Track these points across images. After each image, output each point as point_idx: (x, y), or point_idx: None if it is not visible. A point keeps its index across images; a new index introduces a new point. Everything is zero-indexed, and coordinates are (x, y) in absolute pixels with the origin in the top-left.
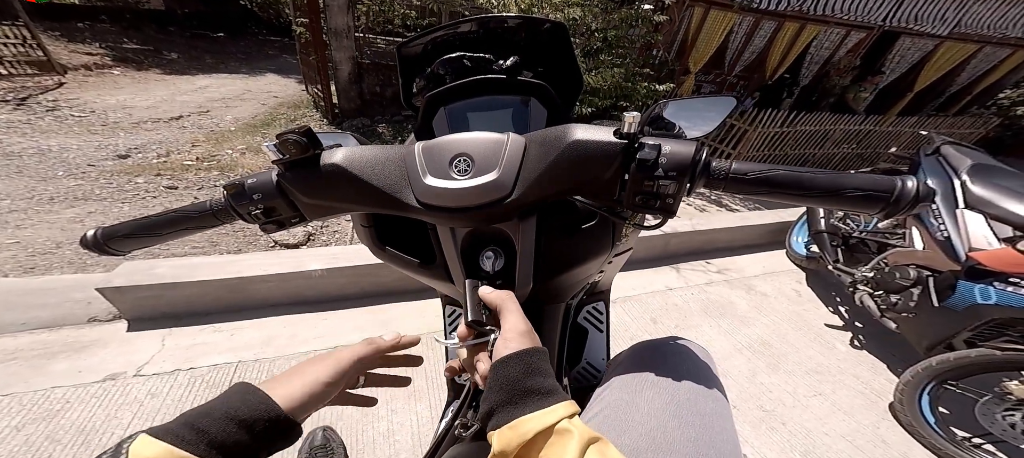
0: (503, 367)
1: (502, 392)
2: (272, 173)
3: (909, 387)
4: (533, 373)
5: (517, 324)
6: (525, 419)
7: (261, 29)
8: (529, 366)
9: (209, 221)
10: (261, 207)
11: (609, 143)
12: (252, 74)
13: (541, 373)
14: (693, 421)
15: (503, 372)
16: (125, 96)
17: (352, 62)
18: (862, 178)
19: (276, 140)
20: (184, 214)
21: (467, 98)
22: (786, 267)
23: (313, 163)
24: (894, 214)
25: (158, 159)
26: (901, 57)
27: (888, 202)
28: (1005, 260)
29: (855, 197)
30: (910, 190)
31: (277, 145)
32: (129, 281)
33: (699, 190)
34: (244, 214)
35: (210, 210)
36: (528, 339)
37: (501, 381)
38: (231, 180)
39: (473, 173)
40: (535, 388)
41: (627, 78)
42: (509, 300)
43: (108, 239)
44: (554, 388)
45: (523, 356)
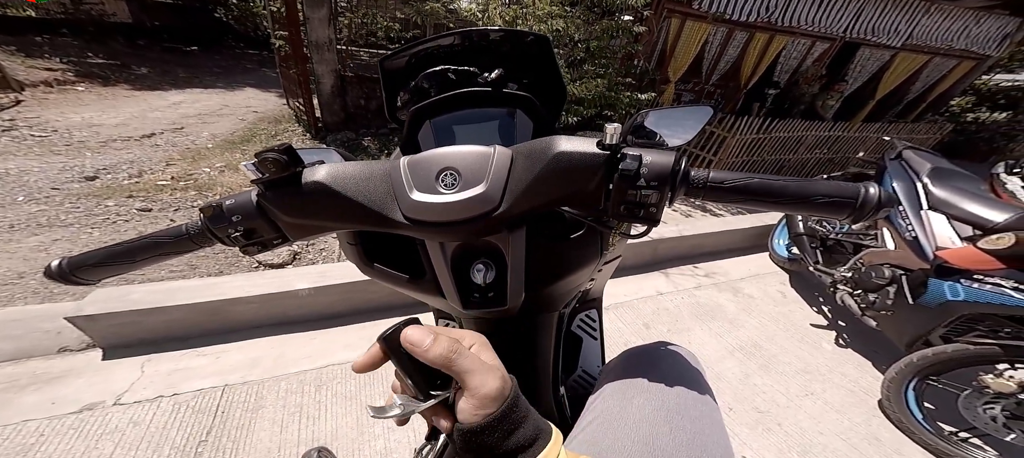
0: (477, 436)
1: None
2: (251, 193)
3: (894, 384)
4: (512, 431)
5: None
6: None
7: (238, 42)
8: (507, 428)
9: (185, 246)
10: (241, 229)
11: (592, 154)
12: (229, 88)
13: (519, 424)
14: (684, 426)
15: (478, 440)
16: (91, 113)
17: (335, 75)
18: (829, 185)
19: (255, 159)
20: (158, 239)
21: (452, 111)
22: (770, 269)
23: (295, 181)
24: (860, 219)
25: (130, 180)
26: (862, 67)
27: (854, 208)
28: (968, 258)
29: (823, 204)
30: (873, 197)
31: (256, 164)
32: (102, 309)
33: (680, 199)
34: (223, 237)
35: (186, 234)
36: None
37: (476, 449)
38: (208, 202)
39: (460, 187)
40: (518, 445)
41: (610, 88)
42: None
43: (75, 269)
44: (536, 432)
45: (497, 423)
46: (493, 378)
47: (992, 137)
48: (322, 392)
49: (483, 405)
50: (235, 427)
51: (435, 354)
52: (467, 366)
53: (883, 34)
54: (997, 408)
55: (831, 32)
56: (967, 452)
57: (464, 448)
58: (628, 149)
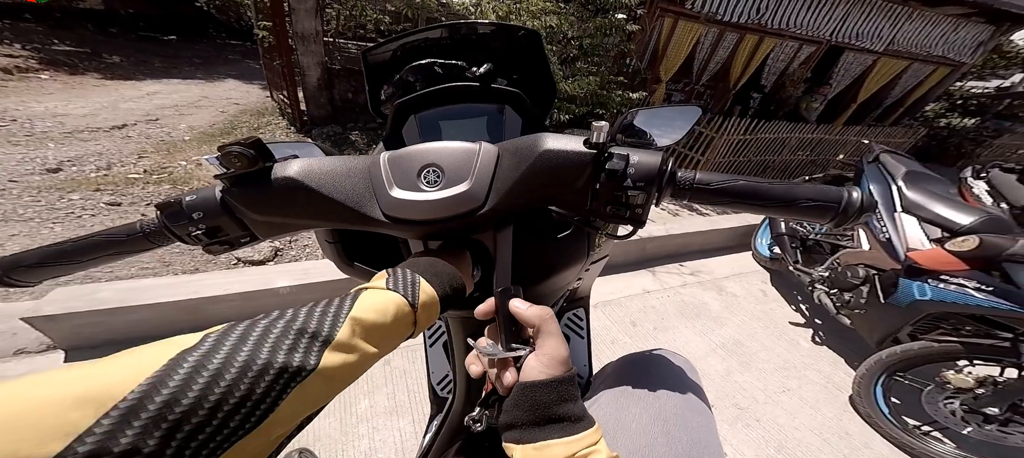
0: (534, 391)
1: (529, 413)
2: (215, 189)
3: (864, 380)
4: (564, 400)
5: (556, 350)
6: (551, 444)
7: (220, 32)
8: (561, 394)
9: (140, 244)
10: (203, 227)
11: (579, 153)
12: (209, 80)
13: (571, 400)
14: (680, 436)
15: (533, 395)
16: (55, 103)
17: (321, 68)
18: (813, 189)
19: (218, 152)
20: (109, 237)
21: (439, 106)
22: (753, 268)
23: (263, 177)
24: (843, 223)
25: (97, 173)
26: (845, 70)
27: (837, 212)
28: (936, 259)
29: (807, 207)
30: (856, 201)
31: (220, 158)
32: (63, 308)
33: (667, 200)
34: (183, 235)
35: (141, 232)
36: (563, 366)
37: (530, 403)
38: (165, 198)
39: (443, 184)
40: (565, 415)
41: (602, 86)
42: (550, 321)
43: (10, 269)
44: (582, 415)
45: (556, 384)
46: (564, 348)
47: (962, 142)
48: None
49: (550, 365)
50: None
51: (532, 314)
52: (551, 330)
53: (867, 38)
54: (956, 403)
55: (818, 35)
56: (929, 445)
57: (520, 401)
58: (615, 148)
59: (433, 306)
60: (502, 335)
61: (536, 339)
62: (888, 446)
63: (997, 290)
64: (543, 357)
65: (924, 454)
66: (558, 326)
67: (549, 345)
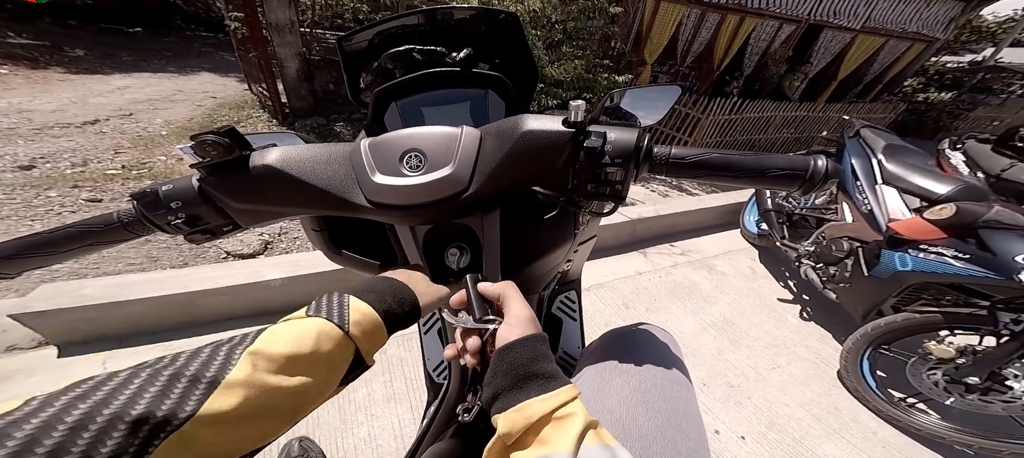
0: (508, 353)
1: (507, 377)
2: (192, 179)
3: (851, 354)
4: (537, 359)
5: (520, 311)
6: (529, 403)
7: (189, 24)
8: (533, 352)
9: (119, 234)
10: (182, 216)
11: (558, 132)
12: (182, 73)
13: (544, 358)
14: (660, 406)
15: (508, 357)
16: (20, 98)
17: (300, 59)
18: (782, 159)
19: (192, 142)
20: (85, 229)
21: (421, 92)
22: (741, 245)
23: (241, 165)
24: (811, 189)
25: (73, 169)
26: (825, 48)
27: (804, 179)
28: (915, 228)
29: (777, 176)
30: (821, 168)
31: (194, 147)
32: (51, 304)
33: (644, 175)
34: (162, 224)
35: (119, 222)
36: (531, 326)
37: (506, 366)
38: (140, 187)
39: (425, 169)
40: (539, 372)
41: (588, 69)
42: (510, 288)
43: None
44: (556, 373)
45: (527, 342)
46: (526, 309)
47: (939, 116)
48: None
49: (519, 326)
50: None
51: (494, 289)
52: (512, 295)
53: (844, 16)
54: (938, 373)
55: (797, 14)
56: (914, 417)
57: (497, 368)
58: (593, 127)
59: (373, 326)
60: (473, 312)
61: (502, 307)
62: (876, 420)
63: (974, 257)
64: (511, 320)
65: (910, 426)
66: (518, 292)
67: (513, 309)
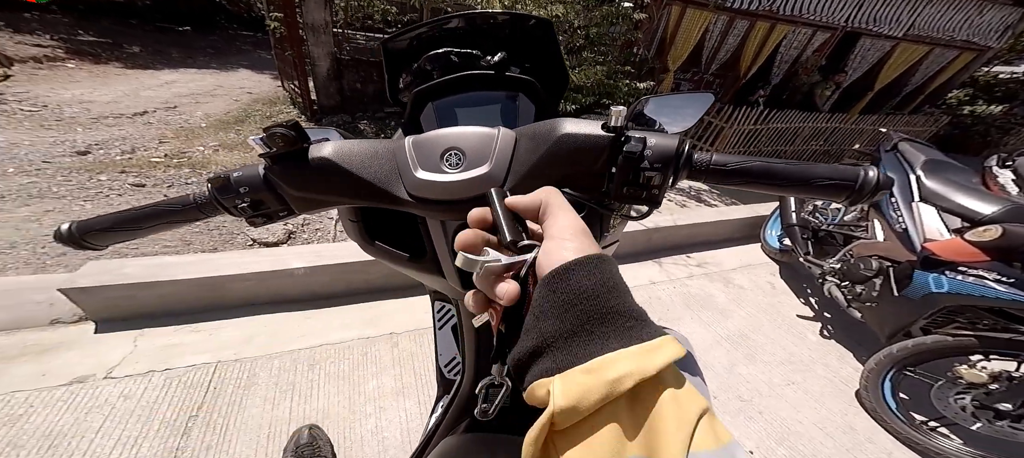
0: (566, 278)
1: (565, 316)
2: (259, 167)
3: (873, 374)
4: (614, 290)
5: (571, 221)
6: (614, 357)
7: (232, 23)
8: (606, 279)
9: (192, 214)
10: (248, 200)
11: (597, 136)
12: (223, 69)
13: (623, 289)
14: None
15: (567, 285)
16: (82, 90)
17: (331, 58)
18: (829, 168)
19: (263, 133)
20: (166, 207)
21: (455, 94)
22: (761, 260)
23: (301, 156)
24: (858, 201)
25: (122, 156)
26: (862, 57)
27: (853, 189)
28: (955, 250)
29: (823, 186)
30: (872, 178)
31: (264, 138)
32: (95, 281)
33: (682, 181)
34: (230, 207)
35: (194, 203)
36: (587, 241)
37: (563, 299)
38: (216, 173)
39: (464, 166)
40: (622, 310)
41: (609, 75)
42: (555, 195)
43: (85, 233)
44: (643, 314)
45: (595, 262)
46: (577, 220)
47: (987, 130)
48: (315, 371)
49: (572, 238)
50: (226, 403)
51: (531, 199)
52: (558, 203)
53: (885, 24)
54: (967, 398)
55: (832, 21)
56: (934, 440)
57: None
58: (632, 132)
59: None
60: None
61: (544, 218)
62: (893, 441)
63: (1019, 282)
64: (559, 231)
65: (929, 449)
66: (564, 199)
67: (560, 220)
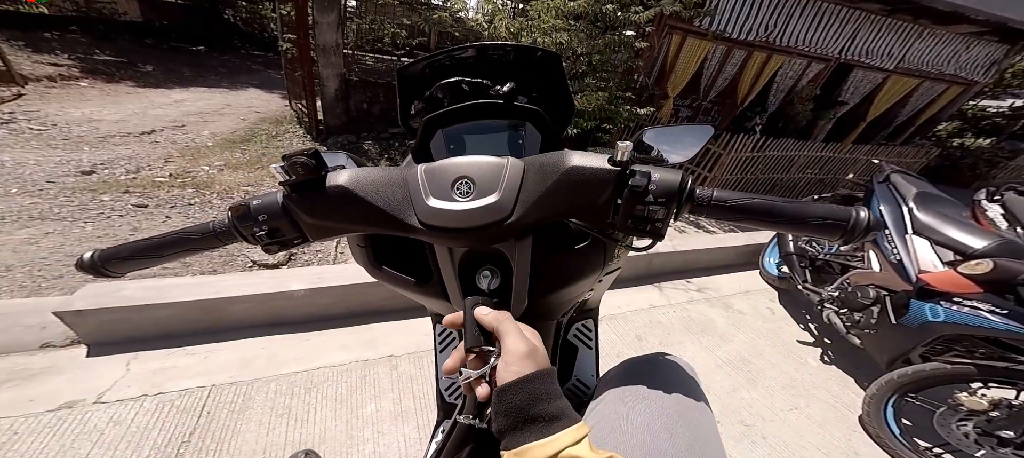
0: (505, 395)
1: (507, 418)
2: (277, 194)
3: (875, 400)
4: (537, 400)
5: (516, 346)
6: (529, 448)
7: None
8: (532, 393)
9: (211, 242)
10: (265, 228)
11: (604, 170)
12: (233, 88)
13: (546, 398)
14: (683, 433)
15: (507, 399)
16: (92, 109)
17: (340, 79)
18: (823, 208)
19: (284, 161)
20: (186, 235)
21: (464, 121)
22: (760, 286)
23: (319, 185)
24: (850, 241)
25: (127, 176)
26: (855, 88)
27: (845, 230)
28: (948, 281)
29: (817, 225)
30: (863, 220)
31: (285, 167)
32: (92, 304)
33: (684, 215)
34: (248, 235)
35: (213, 231)
36: (529, 362)
37: (506, 408)
38: (236, 202)
39: (474, 195)
40: (539, 415)
41: (610, 101)
42: (507, 321)
43: (106, 261)
44: (560, 413)
45: (525, 383)
46: (523, 343)
47: (975, 163)
48: (312, 394)
49: (515, 363)
50: (220, 428)
51: (490, 319)
52: (508, 330)
53: (876, 56)
54: (969, 425)
55: (827, 53)
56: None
57: (498, 408)
58: (638, 166)
59: None
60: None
61: (500, 341)
62: None
63: (1012, 313)
64: (507, 357)
65: None
66: (515, 325)
67: (508, 343)
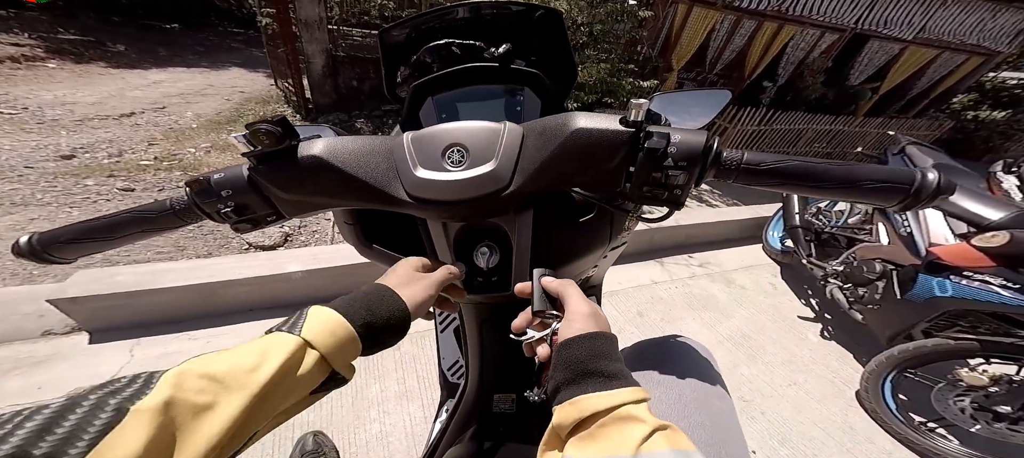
0: (567, 349)
1: (566, 371)
2: (243, 167)
3: (873, 375)
4: (597, 356)
5: (580, 307)
6: (585, 398)
7: (222, 20)
8: (593, 349)
9: (170, 222)
10: (231, 204)
11: (615, 132)
12: (214, 68)
13: (606, 356)
14: (703, 421)
15: (567, 353)
16: (64, 91)
17: (326, 55)
18: (881, 170)
19: (246, 130)
20: (140, 214)
21: (456, 88)
22: (763, 260)
23: (289, 155)
24: (912, 206)
25: (110, 159)
26: (869, 60)
27: (908, 194)
28: (960, 255)
29: (872, 189)
30: (931, 183)
31: (247, 136)
32: (85, 291)
33: (708, 180)
34: (212, 213)
35: (171, 209)
36: (592, 321)
37: (566, 361)
38: (194, 176)
39: (468, 164)
40: (598, 370)
41: (612, 73)
42: (570, 286)
43: (47, 245)
44: (619, 372)
45: (587, 339)
46: (585, 304)
47: (990, 136)
48: None
49: (578, 322)
50: None
51: (554, 285)
52: (571, 293)
53: (896, 26)
54: (967, 400)
55: (842, 23)
56: (933, 441)
57: (557, 363)
58: (654, 127)
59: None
60: (534, 305)
61: (564, 304)
62: (892, 442)
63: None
64: (571, 316)
65: (927, 450)
66: (578, 290)
67: (572, 304)
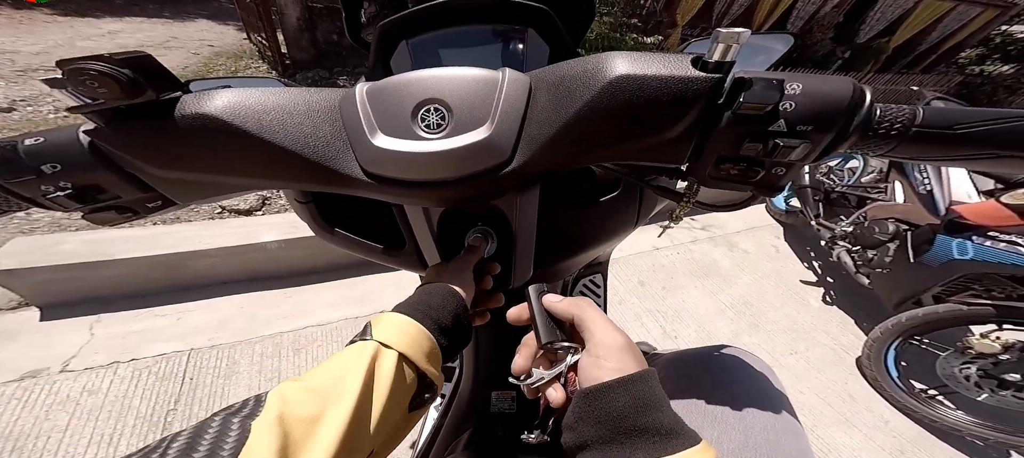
0: (600, 398)
1: (598, 427)
2: (77, 129)
3: (877, 343)
4: (645, 406)
5: (611, 338)
6: None
7: None
8: (639, 397)
9: None
10: (67, 187)
11: (685, 79)
12: (178, 19)
13: (656, 406)
14: None
15: (601, 405)
16: (2, 39)
17: (301, 6)
18: None
19: (64, 70)
20: None
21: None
22: (766, 222)
23: (161, 112)
24: None
25: (56, 114)
26: (882, 14)
27: None
28: (987, 213)
29: None
30: None
31: (67, 79)
32: (23, 262)
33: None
34: (34, 196)
35: None
36: (630, 357)
37: (598, 414)
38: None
39: (449, 129)
40: (650, 427)
41: (614, 29)
42: (589, 308)
43: None
44: (676, 426)
45: (628, 384)
46: (619, 334)
47: (995, 89)
48: (301, 356)
49: (611, 357)
50: (207, 394)
51: (564, 306)
52: (594, 317)
53: None
54: (973, 368)
55: None
56: (933, 409)
57: (584, 414)
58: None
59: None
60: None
61: (581, 333)
62: (890, 409)
63: None
64: (599, 350)
65: (926, 417)
66: (600, 312)
67: (599, 335)
